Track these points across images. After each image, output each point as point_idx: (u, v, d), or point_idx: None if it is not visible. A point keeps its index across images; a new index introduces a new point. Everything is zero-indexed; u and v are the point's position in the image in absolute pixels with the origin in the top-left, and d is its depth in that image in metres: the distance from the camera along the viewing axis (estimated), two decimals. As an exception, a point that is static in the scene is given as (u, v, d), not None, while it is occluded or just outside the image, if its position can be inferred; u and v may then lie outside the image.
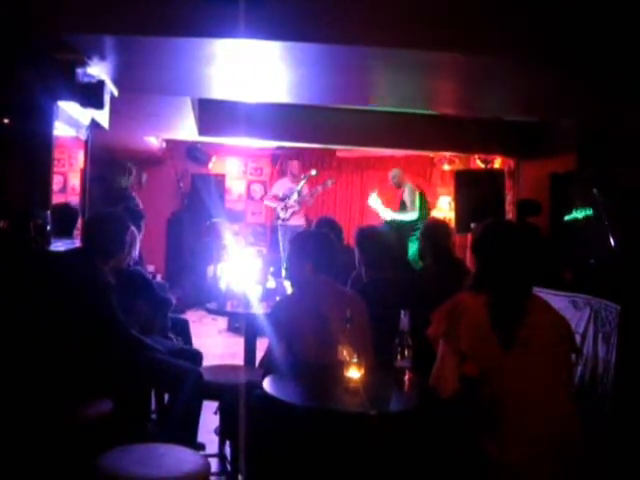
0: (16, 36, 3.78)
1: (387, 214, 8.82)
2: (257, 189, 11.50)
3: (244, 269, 6.14)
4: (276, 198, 9.63)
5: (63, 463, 2.99)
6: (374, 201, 9.02)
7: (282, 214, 9.47)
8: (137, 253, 4.86)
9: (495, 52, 4.02)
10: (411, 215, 8.54)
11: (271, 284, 5.45)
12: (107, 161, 7.20)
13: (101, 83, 4.54)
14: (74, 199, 6.35)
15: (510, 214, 7.96)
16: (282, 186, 9.72)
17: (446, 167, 9.99)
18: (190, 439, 3.82)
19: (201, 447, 4.11)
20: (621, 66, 4.13)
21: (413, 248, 7.29)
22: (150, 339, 3.98)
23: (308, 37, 3.83)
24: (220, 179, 11.09)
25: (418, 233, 8.00)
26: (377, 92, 5.76)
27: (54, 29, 3.77)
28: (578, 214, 6.22)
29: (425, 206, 8.87)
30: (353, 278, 4.38)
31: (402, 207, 8.80)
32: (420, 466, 2.61)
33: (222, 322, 8.48)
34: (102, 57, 4.25)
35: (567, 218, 6.33)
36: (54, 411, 3.10)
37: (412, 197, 8.72)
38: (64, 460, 2.99)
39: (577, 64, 4.16)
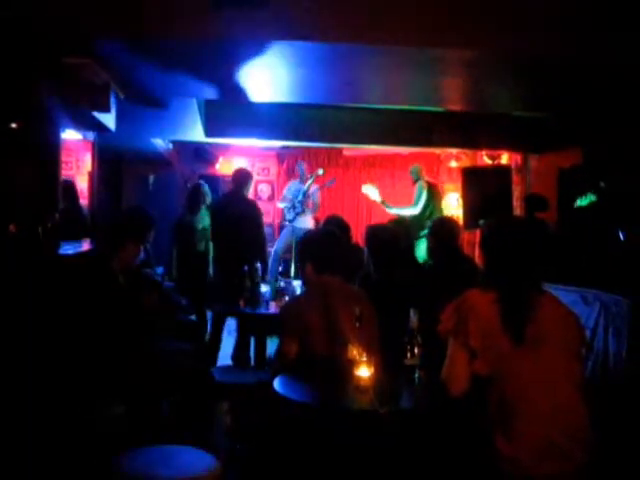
0: (23, 40, 3.80)
1: (385, 204, 8.71)
2: (264, 189, 11.49)
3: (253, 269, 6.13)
4: (286, 200, 9.65)
5: (77, 466, 3.00)
6: (368, 189, 8.82)
7: (288, 215, 9.46)
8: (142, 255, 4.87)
9: (502, 48, 4.01)
10: (409, 211, 8.35)
11: (280, 284, 5.45)
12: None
13: (107, 86, 4.55)
14: (82, 202, 6.36)
15: (518, 210, 7.94)
16: (291, 187, 9.74)
17: (453, 164, 9.97)
18: (201, 439, 3.83)
19: (212, 447, 4.12)
20: (627, 62, 4.13)
21: (422, 247, 7.23)
22: (161, 341, 3.99)
23: (314, 36, 3.84)
24: (227, 180, 11.08)
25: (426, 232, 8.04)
26: (384, 90, 5.75)
27: (63, 33, 3.80)
28: (583, 202, 6.24)
29: (432, 203, 8.68)
30: (362, 276, 4.38)
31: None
32: (431, 463, 2.61)
33: (232, 323, 8.48)
34: (108, 60, 4.26)
35: (576, 205, 6.37)
36: (68, 414, 3.11)
37: (418, 194, 8.60)
38: (78, 463, 3.01)
39: (584, 62, 4.17)
